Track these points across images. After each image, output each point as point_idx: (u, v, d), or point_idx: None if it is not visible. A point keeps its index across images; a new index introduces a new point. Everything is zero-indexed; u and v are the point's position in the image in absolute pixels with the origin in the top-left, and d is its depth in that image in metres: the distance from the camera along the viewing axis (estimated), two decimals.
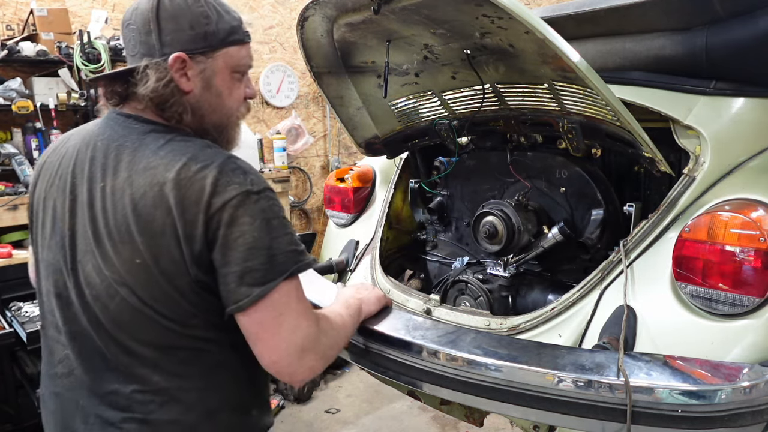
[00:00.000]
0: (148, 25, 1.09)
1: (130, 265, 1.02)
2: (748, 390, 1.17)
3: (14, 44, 2.98)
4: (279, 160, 3.92)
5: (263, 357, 1.07)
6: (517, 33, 1.49)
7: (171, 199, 1.00)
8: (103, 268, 1.04)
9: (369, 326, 1.54)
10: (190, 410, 1.08)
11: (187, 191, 1.00)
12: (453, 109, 2.09)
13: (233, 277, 1.01)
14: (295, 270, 1.07)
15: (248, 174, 1.05)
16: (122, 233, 1.02)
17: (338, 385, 3.57)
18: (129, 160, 1.05)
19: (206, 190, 1.00)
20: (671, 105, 1.68)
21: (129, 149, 1.07)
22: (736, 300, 1.35)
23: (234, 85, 1.17)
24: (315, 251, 3.23)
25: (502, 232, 1.88)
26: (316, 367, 1.10)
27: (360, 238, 2.40)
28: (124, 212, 1.02)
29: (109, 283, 1.03)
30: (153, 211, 1.01)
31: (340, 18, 1.78)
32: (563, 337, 1.58)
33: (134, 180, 1.03)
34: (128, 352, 1.06)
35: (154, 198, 1.01)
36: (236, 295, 1.02)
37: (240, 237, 1.00)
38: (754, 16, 1.60)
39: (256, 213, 1.02)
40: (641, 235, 1.58)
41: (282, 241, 1.05)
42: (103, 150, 1.09)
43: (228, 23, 1.13)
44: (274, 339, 1.05)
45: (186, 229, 1.00)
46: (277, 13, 4.37)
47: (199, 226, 1.00)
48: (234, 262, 1.01)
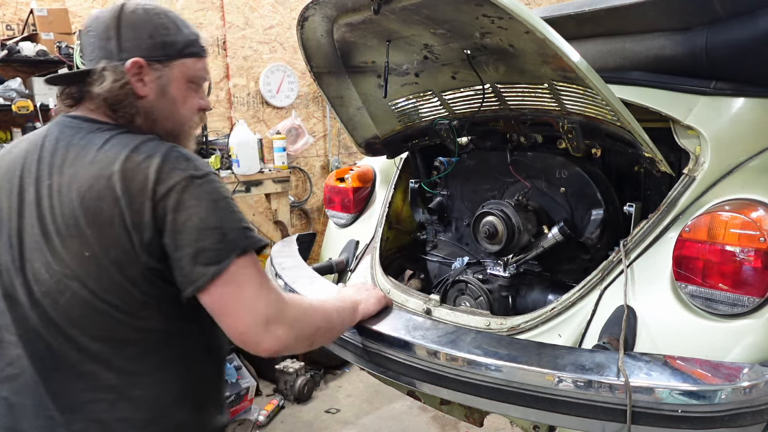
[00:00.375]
0: (108, 32, 1.14)
1: (79, 258, 1.04)
2: (748, 390, 1.17)
3: (14, 44, 2.98)
4: (279, 160, 3.92)
5: (231, 331, 1.08)
6: (517, 33, 1.49)
7: (118, 190, 1.03)
8: (53, 264, 1.05)
9: (369, 326, 1.54)
10: (141, 407, 1.09)
11: (132, 181, 1.03)
12: (453, 109, 2.09)
13: (187, 259, 1.03)
14: (248, 246, 1.08)
15: (191, 160, 1.08)
16: (70, 227, 1.04)
17: (338, 385, 3.57)
18: (74, 157, 1.08)
19: (150, 177, 1.03)
20: (671, 105, 1.68)
21: (75, 147, 1.10)
22: (736, 300, 1.35)
23: (189, 95, 1.22)
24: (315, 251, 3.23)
25: (502, 232, 1.88)
26: (285, 337, 1.09)
27: (360, 238, 2.40)
28: (71, 206, 1.05)
29: (59, 278, 1.05)
30: (100, 203, 1.03)
31: (340, 18, 1.78)
32: (563, 337, 1.58)
33: (80, 175, 1.06)
34: (79, 349, 1.07)
35: (100, 190, 1.03)
36: (192, 276, 1.04)
37: (188, 220, 1.03)
38: (754, 16, 1.60)
39: (202, 195, 1.05)
40: (641, 235, 1.58)
41: (231, 219, 1.07)
42: (51, 150, 1.11)
43: (186, 36, 1.19)
44: (238, 311, 1.06)
45: (134, 217, 1.03)
46: (277, 13, 4.37)
47: (147, 214, 1.03)
48: (186, 244, 1.03)
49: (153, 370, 1.11)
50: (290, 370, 3.36)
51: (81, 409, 1.07)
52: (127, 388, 1.08)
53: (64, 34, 3.19)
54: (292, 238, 2.58)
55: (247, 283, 1.06)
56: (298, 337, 1.14)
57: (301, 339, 1.16)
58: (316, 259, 2.69)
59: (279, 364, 3.42)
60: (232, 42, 4.15)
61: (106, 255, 1.04)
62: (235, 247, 1.06)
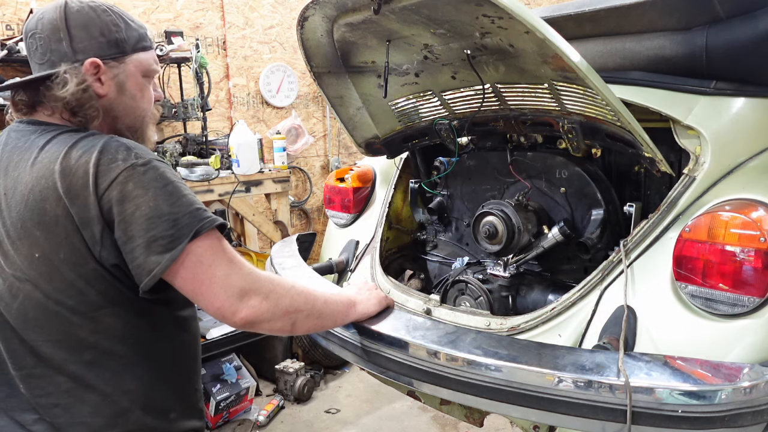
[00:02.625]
0: (57, 34, 1.12)
1: (30, 260, 1.04)
2: (749, 390, 1.17)
3: (14, 44, 2.97)
4: (279, 160, 3.92)
5: (208, 308, 1.07)
6: (517, 33, 1.49)
7: (59, 189, 1.02)
8: (5, 268, 1.06)
9: (369, 326, 1.53)
10: (98, 413, 1.08)
11: (73, 177, 1.02)
12: (453, 109, 2.09)
13: (140, 250, 1.02)
14: (202, 227, 1.06)
15: (131, 149, 1.06)
16: (18, 230, 1.04)
17: (338, 385, 3.57)
18: (18, 160, 1.09)
19: (90, 172, 1.02)
20: (671, 105, 1.68)
21: (19, 150, 1.10)
22: (737, 300, 1.35)
23: (145, 88, 1.23)
24: (315, 251, 3.23)
25: (502, 232, 1.88)
26: (260, 308, 1.08)
27: (360, 238, 2.40)
28: (18, 209, 1.05)
29: (12, 281, 1.05)
30: (44, 204, 1.03)
31: (340, 18, 1.78)
32: (563, 338, 1.58)
33: (23, 177, 1.06)
34: (34, 353, 1.06)
35: (42, 191, 1.03)
36: (147, 266, 1.02)
37: (136, 210, 1.01)
38: (754, 16, 1.60)
39: (147, 183, 1.03)
40: (641, 235, 1.58)
41: (181, 204, 1.05)
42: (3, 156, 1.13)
43: (136, 31, 1.20)
44: (211, 288, 1.05)
45: (80, 214, 1.02)
46: (277, 13, 4.37)
47: (93, 209, 1.02)
48: (137, 235, 1.01)
49: (110, 374, 1.09)
50: (290, 370, 3.36)
51: (38, 412, 1.07)
52: (82, 392, 1.07)
53: None
54: (292, 238, 2.58)
55: (214, 262, 1.05)
56: (275, 311, 1.12)
57: (279, 314, 1.13)
58: (316, 259, 2.69)
59: (279, 365, 3.42)
60: (232, 42, 4.15)
61: (56, 255, 1.03)
62: (188, 231, 1.03)
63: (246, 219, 3.77)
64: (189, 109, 3.53)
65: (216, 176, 3.39)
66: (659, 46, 1.76)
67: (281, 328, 1.17)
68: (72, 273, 1.04)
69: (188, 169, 3.31)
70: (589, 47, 1.89)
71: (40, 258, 1.03)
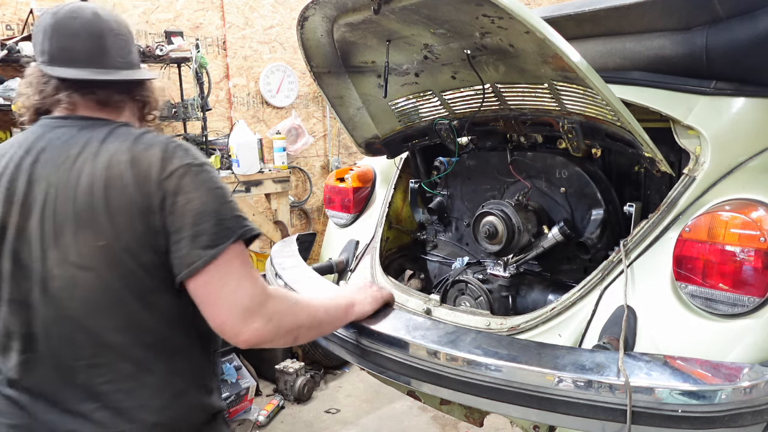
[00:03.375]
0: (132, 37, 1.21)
1: (94, 249, 1.06)
2: (749, 390, 1.17)
3: (14, 44, 2.97)
4: (279, 160, 3.92)
5: (211, 320, 1.10)
6: (517, 33, 1.49)
7: (128, 179, 1.07)
8: (68, 257, 1.07)
9: (369, 326, 1.53)
10: (158, 394, 1.12)
11: (140, 170, 1.07)
12: (453, 109, 2.08)
13: (186, 241, 1.06)
14: (243, 234, 1.11)
15: (188, 150, 1.13)
16: (82, 219, 1.06)
17: (338, 385, 3.57)
18: (77, 153, 1.10)
19: (154, 164, 1.08)
20: (671, 105, 1.68)
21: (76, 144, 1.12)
22: (737, 300, 1.35)
23: None
24: (315, 251, 3.23)
25: (502, 232, 1.88)
26: (263, 331, 1.10)
27: (360, 238, 2.40)
28: (83, 199, 1.07)
29: (73, 272, 1.06)
30: (111, 193, 1.07)
31: (340, 18, 1.78)
32: (563, 337, 1.58)
33: (86, 168, 1.08)
34: (97, 341, 1.08)
35: (110, 180, 1.07)
36: (189, 258, 1.06)
37: (188, 203, 1.07)
38: (754, 16, 1.60)
39: (200, 182, 1.09)
40: (641, 235, 1.58)
41: (227, 208, 1.11)
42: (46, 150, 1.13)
43: None
44: (219, 301, 1.08)
45: (144, 203, 1.06)
46: (277, 13, 4.37)
47: (154, 198, 1.07)
48: (185, 227, 1.06)
49: (167, 357, 1.13)
50: (290, 370, 3.36)
51: (100, 400, 1.09)
52: (143, 376, 1.11)
53: None
54: (292, 238, 2.58)
55: (230, 274, 1.08)
56: (278, 332, 1.14)
57: (281, 334, 1.16)
58: (316, 259, 2.69)
59: (279, 364, 3.42)
60: (232, 42, 4.15)
61: (119, 242, 1.06)
62: (231, 234, 1.08)
63: None
64: (189, 109, 3.52)
65: None
66: (659, 46, 1.76)
67: (284, 343, 1.20)
68: (132, 261, 1.07)
69: None
70: (589, 47, 1.89)
71: (103, 246, 1.06)
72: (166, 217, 1.07)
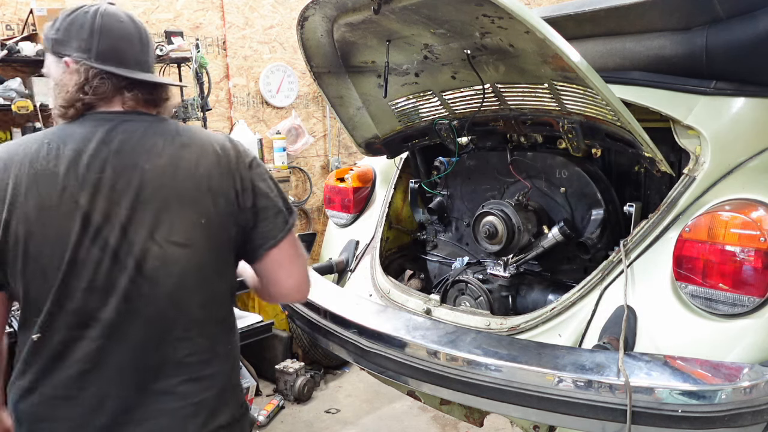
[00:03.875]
0: None
1: (195, 226, 1.17)
2: (749, 390, 1.17)
3: (14, 44, 2.97)
4: (279, 160, 3.92)
5: (286, 281, 1.28)
6: (517, 33, 1.49)
7: (221, 165, 1.21)
8: (169, 237, 1.15)
9: (369, 326, 1.54)
10: (226, 361, 1.26)
11: (228, 157, 1.22)
12: (453, 109, 2.09)
13: (271, 218, 1.24)
14: (295, 214, 1.31)
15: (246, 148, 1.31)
16: (186, 199, 1.17)
17: (338, 385, 3.57)
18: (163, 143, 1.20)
19: (238, 155, 1.24)
20: (671, 105, 1.68)
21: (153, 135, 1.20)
22: (737, 300, 1.35)
23: None
24: (315, 251, 3.23)
25: (502, 232, 1.88)
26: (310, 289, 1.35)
27: (360, 238, 2.40)
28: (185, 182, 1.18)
29: (173, 250, 1.16)
30: (210, 176, 1.19)
31: (340, 18, 1.78)
32: (563, 337, 1.58)
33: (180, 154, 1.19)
34: (185, 317, 1.19)
35: (208, 166, 1.20)
36: (275, 231, 1.24)
37: (267, 188, 1.25)
38: (754, 16, 1.60)
39: (266, 173, 1.28)
40: (641, 235, 1.58)
41: (285, 194, 1.31)
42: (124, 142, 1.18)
43: None
44: (293, 266, 1.28)
45: (236, 185, 1.21)
46: (277, 13, 4.37)
47: (245, 182, 1.22)
48: (269, 207, 1.24)
49: (228, 330, 1.29)
50: (290, 370, 3.36)
51: (184, 373, 1.19)
52: (216, 348, 1.24)
53: None
54: None
55: (297, 244, 1.30)
56: None
57: None
58: (316, 259, 2.70)
59: (279, 365, 3.42)
60: (232, 42, 4.15)
61: (217, 218, 1.19)
62: (293, 214, 1.29)
63: None
64: (189, 109, 3.52)
65: None
66: (659, 46, 1.76)
67: None
68: (224, 235, 1.21)
69: None
70: (589, 47, 1.89)
71: (205, 224, 1.17)
72: (254, 198, 1.22)
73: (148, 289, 1.14)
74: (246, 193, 1.22)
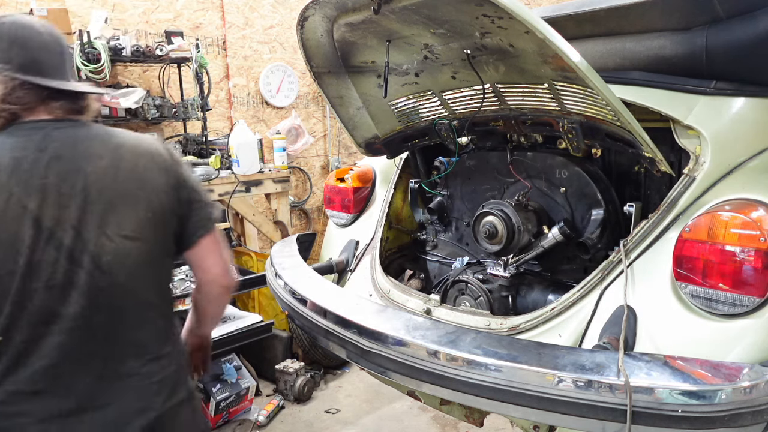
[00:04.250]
0: None
1: (143, 221, 1.26)
2: (749, 390, 1.17)
3: None
4: (279, 160, 3.92)
5: (213, 268, 1.40)
6: (517, 33, 1.49)
7: (157, 163, 1.30)
8: (120, 231, 1.23)
9: (369, 326, 1.53)
10: (178, 340, 1.40)
11: (162, 157, 1.32)
12: (453, 109, 2.09)
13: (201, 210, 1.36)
14: None
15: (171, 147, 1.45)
16: (131, 197, 1.25)
17: (338, 385, 3.57)
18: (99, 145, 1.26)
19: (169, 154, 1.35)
20: (671, 105, 1.68)
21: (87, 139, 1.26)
22: (737, 300, 1.35)
23: None
24: (315, 251, 3.23)
25: (502, 232, 1.88)
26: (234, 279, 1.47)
27: (360, 238, 2.40)
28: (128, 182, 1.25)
29: (125, 243, 1.24)
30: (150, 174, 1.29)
31: (340, 18, 1.78)
32: (563, 337, 1.58)
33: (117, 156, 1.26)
34: (143, 303, 1.28)
35: (146, 164, 1.29)
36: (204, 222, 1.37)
37: (195, 182, 1.38)
38: (754, 16, 1.60)
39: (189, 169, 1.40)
40: (641, 235, 1.58)
41: None
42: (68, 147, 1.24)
43: None
44: (220, 254, 1.41)
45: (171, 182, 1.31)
46: (277, 13, 4.37)
47: (178, 179, 1.33)
48: (200, 200, 1.37)
49: (173, 311, 1.41)
50: (290, 370, 3.35)
51: (148, 354, 1.29)
52: (172, 327, 1.37)
53: (64, 33, 3.17)
54: (292, 238, 2.58)
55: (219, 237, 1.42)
56: None
57: None
58: (316, 259, 2.69)
59: (279, 364, 3.42)
60: (232, 42, 4.15)
61: (161, 213, 1.29)
62: (215, 206, 1.41)
63: (246, 219, 3.77)
64: (189, 109, 3.52)
65: (216, 176, 3.39)
66: (659, 46, 1.76)
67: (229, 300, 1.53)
68: (167, 227, 1.31)
69: None
70: (589, 47, 1.89)
71: (151, 217, 1.27)
72: (186, 192, 1.33)
73: (106, 281, 1.22)
74: (181, 187, 1.33)
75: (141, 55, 3.29)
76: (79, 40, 3.06)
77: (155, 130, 3.64)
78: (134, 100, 3.29)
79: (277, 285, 2.08)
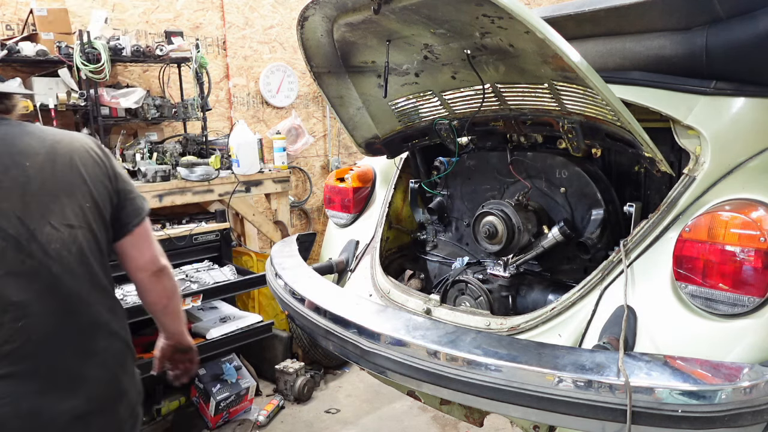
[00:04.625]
0: None
1: (84, 209, 1.36)
2: (749, 390, 1.17)
3: (14, 44, 2.97)
4: (279, 160, 3.92)
5: (146, 253, 1.50)
6: (517, 33, 1.49)
7: (91, 156, 1.41)
8: (65, 220, 1.32)
9: (369, 326, 1.53)
10: (124, 315, 1.49)
11: (93, 150, 1.43)
12: (453, 109, 2.09)
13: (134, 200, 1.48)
14: None
15: None
16: (71, 188, 1.34)
17: (338, 385, 3.57)
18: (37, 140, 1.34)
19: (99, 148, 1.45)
20: (671, 105, 1.68)
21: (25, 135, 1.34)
22: (737, 300, 1.35)
23: None
24: (315, 251, 3.23)
25: (502, 232, 1.88)
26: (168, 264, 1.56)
27: (360, 238, 2.40)
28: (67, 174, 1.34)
29: (70, 231, 1.32)
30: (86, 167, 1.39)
31: (340, 18, 1.78)
32: (563, 337, 1.58)
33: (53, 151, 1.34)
34: (92, 284, 1.36)
35: (82, 157, 1.39)
36: (138, 210, 1.48)
37: (125, 174, 1.50)
38: (754, 16, 1.60)
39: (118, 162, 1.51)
40: (641, 235, 1.58)
41: None
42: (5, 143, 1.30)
43: None
44: (155, 241, 1.52)
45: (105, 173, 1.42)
46: (277, 13, 4.37)
47: (109, 170, 1.44)
48: (131, 191, 1.49)
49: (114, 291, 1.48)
50: (290, 370, 3.36)
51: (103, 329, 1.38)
52: (118, 305, 1.46)
53: (64, 34, 3.18)
54: (292, 238, 2.58)
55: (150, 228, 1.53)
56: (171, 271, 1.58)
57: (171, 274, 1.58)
58: (316, 259, 2.69)
59: (279, 365, 3.42)
60: (232, 42, 4.15)
61: (100, 201, 1.39)
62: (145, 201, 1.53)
63: (246, 219, 3.77)
64: (189, 109, 3.52)
65: (216, 176, 3.39)
66: (659, 46, 1.76)
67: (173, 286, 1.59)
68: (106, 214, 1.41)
69: (188, 169, 3.31)
70: (589, 47, 1.89)
71: (90, 207, 1.37)
72: (119, 183, 1.45)
73: (57, 267, 1.29)
74: (114, 179, 1.44)
75: (141, 55, 3.29)
76: (79, 40, 3.05)
77: (155, 130, 3.63)
78: (134, 100, 3.29)
79: (277, 285, 2.08)
